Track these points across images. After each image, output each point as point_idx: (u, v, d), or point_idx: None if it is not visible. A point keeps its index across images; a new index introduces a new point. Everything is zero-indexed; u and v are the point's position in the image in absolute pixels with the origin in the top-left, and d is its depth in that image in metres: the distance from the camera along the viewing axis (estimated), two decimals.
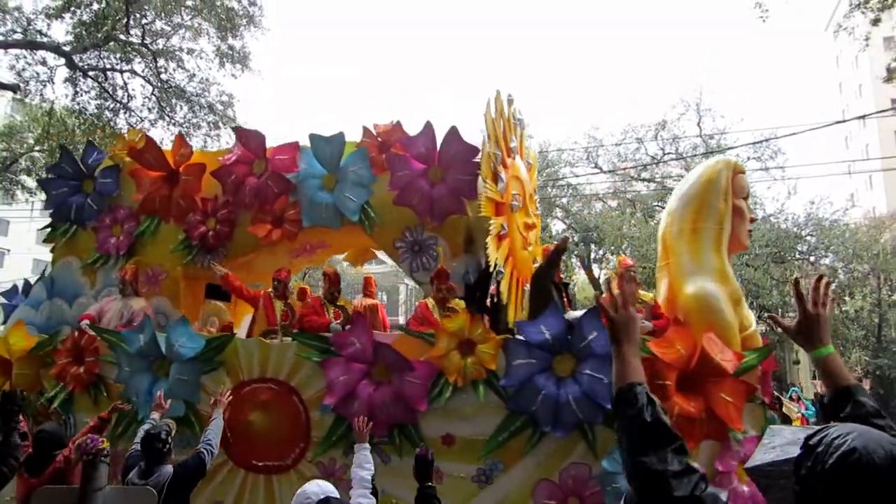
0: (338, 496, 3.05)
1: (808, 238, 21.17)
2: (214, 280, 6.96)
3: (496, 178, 5.43)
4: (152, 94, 15.63)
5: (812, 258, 21.57)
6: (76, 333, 6.06)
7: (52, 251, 7.71)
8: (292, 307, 6.57)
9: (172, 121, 15.65)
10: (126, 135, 7.18)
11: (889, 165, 33.72)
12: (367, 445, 4.27)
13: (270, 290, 6.62)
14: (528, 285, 5.61)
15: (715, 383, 4.80)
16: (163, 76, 15.57)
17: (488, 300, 5.49)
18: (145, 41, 15.02)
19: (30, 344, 6.22)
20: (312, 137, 6.38)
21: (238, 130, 6.55)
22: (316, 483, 3.07)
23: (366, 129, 6.43)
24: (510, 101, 6.05)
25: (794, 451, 1.44)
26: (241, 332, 7.10)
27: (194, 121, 15.84)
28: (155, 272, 6.76)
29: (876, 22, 11.77)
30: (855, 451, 1.28)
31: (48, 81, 14.68)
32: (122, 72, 15.31)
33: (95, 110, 14.86)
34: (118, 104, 15.24)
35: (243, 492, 5.46)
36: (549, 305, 5.20)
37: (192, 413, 5.60)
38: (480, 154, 5.67)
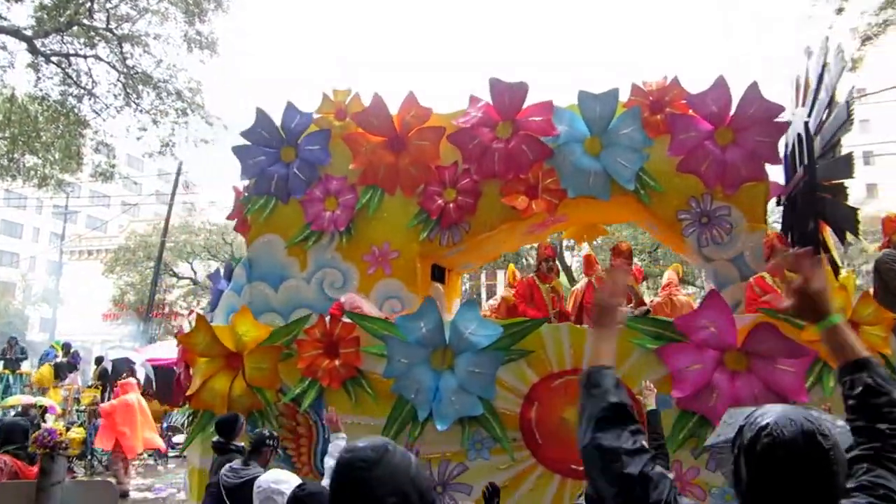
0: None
1: None
2: (441, 260, 6.17)
3: None
4: (118, 80, 14.90)
5: None
6: (327, 320, 5.21)
7: (235, 229, 6.84)
8: (557, 290, 5.81)
9: (139, 108, 15.04)
10: (331, 95, 6.28)
11: None
12: (343, 435, 3.93)
13: (532, 274, 5.84)
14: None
15: None
16: (128, 62, 14.83)
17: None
18: (110, 26, 14.27)
19: (264, 334, 5.35)
20: (582, 95, 5.61)
21: (495, 83, 5.72)
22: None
23: (635, 87, 5.69)
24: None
25: None
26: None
27: (162, 108, 15.20)
28: (383, 251, 5.92)
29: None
30: (767, 427, 1.39)
31: (8, 67, 13.96)
32: (85, 57, 14.50)
33: (59, 97, 14.16)
34: (82, 90, 14.53)
35: (560, 500, 4.70)
36: None
37: (489, 411, 4.81)
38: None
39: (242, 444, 4.57)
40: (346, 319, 5.20)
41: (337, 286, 5.94)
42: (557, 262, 6.11)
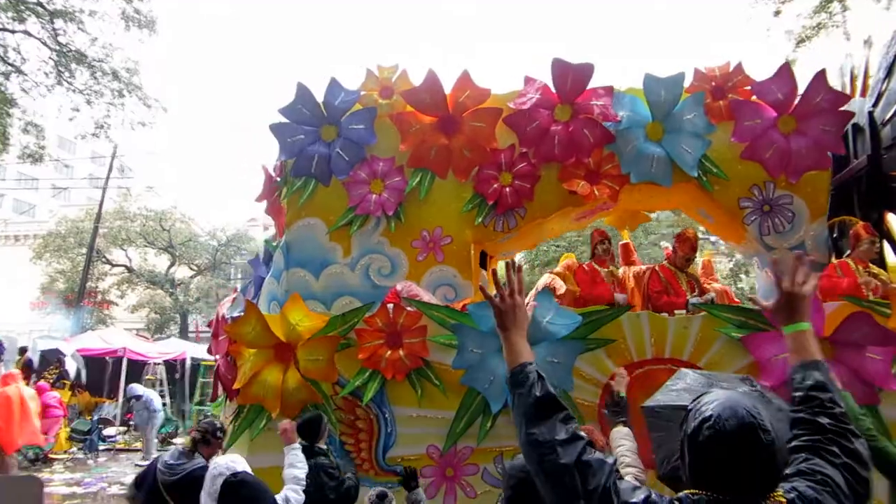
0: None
1: None
2: (490, 246, 5.96)
3: None
4: (49, 58, 14.30)
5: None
6: (391, 309, 4.92)
7: (266, 212, 6.44)
8: (615, 274, 5.67)
9: (71, 87, 14.50)
10: (376, 71, 5.95)
11: None
12: (297, 446, 4.09)
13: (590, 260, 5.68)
14: None
15: None
16: (61, 39, 14.24)
17: None
18: (41, 0, 13.69)
19: (319, 323, 5.02)
20: (647, 78, 5.47)
21: (557, 63, 5.50)
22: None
23: (698, 72, 5.58)
24: None
25: (686, 399, 1.64)
26: None
27: (96, 88, 14.69)
28: (434, 237, 5.65)
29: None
30: (710, 419, 1.47)
31: None
32: (13, 32, 13.84)
33: None
34: (10, 67, 13.93)
35: None
36: None
37: (568, 402, 4.62)
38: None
39: (325, 446, 4.31)
40: (410, 308, 4.93)
41: (384, 273, 5.65)
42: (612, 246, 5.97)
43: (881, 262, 5.38)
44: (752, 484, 1.47)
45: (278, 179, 6.14)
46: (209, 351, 5.91)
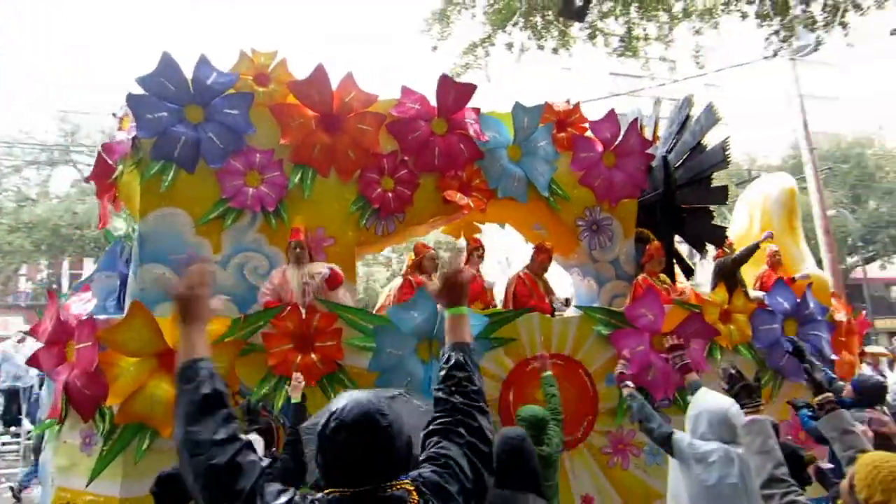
0: None
1: None
2: (364, 249, 5.96)
3: None
4: None
5: None
6: (303, 311, 4.66)
7: (98, 195, 5.44)
8: (547, 283, 6.35)
9: None
10: (250, 55, 5.44)
11: None
12: None
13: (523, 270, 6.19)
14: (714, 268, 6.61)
15: None
16: None
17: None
18: None
19: (221, 327, 4.50)
20: (516, 106, 6.11)
21: (444, 79, 5.73)
22: None
23: (548, 106, 6.43)
24: None
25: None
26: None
27: None
28: (316, 237, 5.45)
29: None
30: (335, 412, 1.57)
31: None
32: None
33: None
34: None
35: None
36: (741, 284, 6.38)
37: None
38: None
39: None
40: (324, 309, 4.74)
41: (261, 272, 5.25)
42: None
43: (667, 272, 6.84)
44: (375, 471, 1.55)
45: (115, 159, 5.26)
46: (33, 362, 4.74)
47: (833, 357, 6.18)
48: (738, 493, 3.07)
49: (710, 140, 6.74)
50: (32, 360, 4.69)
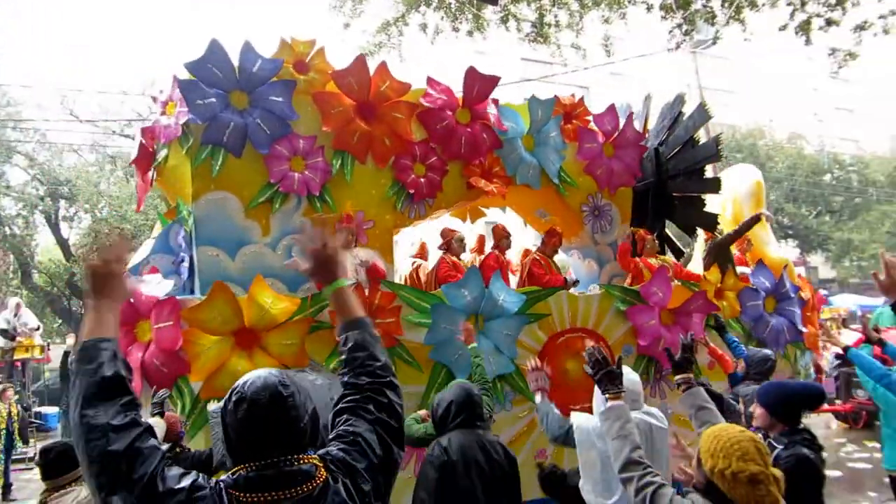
0: None
1: None
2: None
3: None
4: None
5: None
6: (365, 290, 4.93)
7: (144, 179, 5.47)
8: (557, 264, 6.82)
9: None
10: (290, 42, 5.56)
11: None
12: None
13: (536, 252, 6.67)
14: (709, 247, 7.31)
15: None
16: None
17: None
18: None
19: (292, 306, 4.71)
20: (532, 99, 6.54)
21: (471, 71, 6.06)
22: None
23: (558, 99, 6.89)
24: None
25: None
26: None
27: None
28: (357, 220, 5.70)
29: None
30: (238, 386, 1.60)
31: None
32: None
33: None
34: None
35: None
36: (732, 262, 7.11)
37: (516, 369, 5.45)
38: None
39: None
40: (384, 288, 5.04)
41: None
42: None
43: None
44: (280, 443, 1.56)
45: (155, 143, 5.33)
46: None
47: (803, 329, 7.03)
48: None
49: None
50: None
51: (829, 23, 8.83)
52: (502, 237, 6.78)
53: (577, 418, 3.62)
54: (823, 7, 8.87)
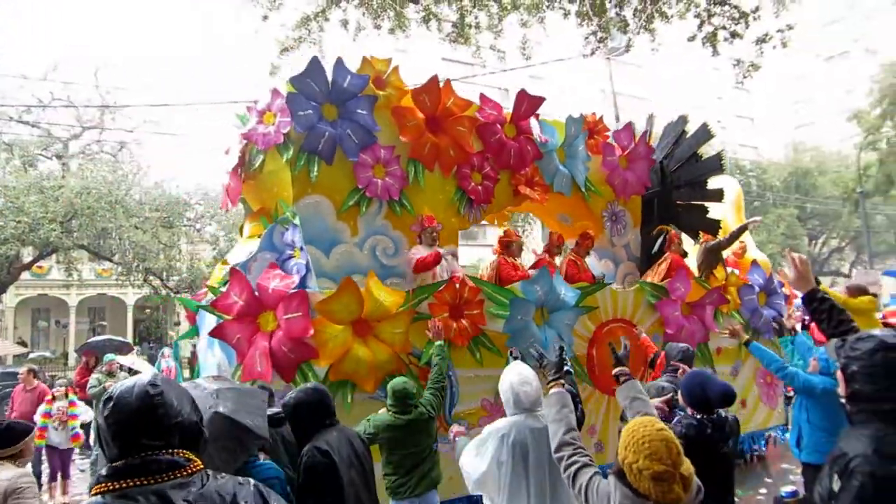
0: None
1: (196, 206, 22.20)
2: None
3: None
4: None
5: (198, 226, 22.81)
6: (456, 285, 5.59)
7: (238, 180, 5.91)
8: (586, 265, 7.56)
9: None
10: (371, 60, 6.10)
11: None
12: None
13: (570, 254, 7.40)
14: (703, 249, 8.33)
15: None
16: None
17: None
18: None
19: (399, 299, 5.32)
20: (569, 117, 7.35)
21: (522, 94, 6.79)
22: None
23: (585, 117, 7.73)
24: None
25: None
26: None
27: None
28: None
29: None
30: (111, 390, 1.66)
31: None
32: None
33: None
34: None
35: (608, 414, 6.48)
36: (723, 263, 8.19)
37: (573, 355, 6.24)
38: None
39: None
40: (471, 284, 5.72)
41: (389, 254, 6.06)
42: None
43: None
44: (148, 438, 1.61)
45: (259, 148, 5.82)
46: (218, 333, 5.14)
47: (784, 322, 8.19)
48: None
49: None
50: (217, 332, 5.14)
51: (734, 35, 9.19)
52: (509, 242, 7.49)
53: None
54: (728, 20, 9.22)
